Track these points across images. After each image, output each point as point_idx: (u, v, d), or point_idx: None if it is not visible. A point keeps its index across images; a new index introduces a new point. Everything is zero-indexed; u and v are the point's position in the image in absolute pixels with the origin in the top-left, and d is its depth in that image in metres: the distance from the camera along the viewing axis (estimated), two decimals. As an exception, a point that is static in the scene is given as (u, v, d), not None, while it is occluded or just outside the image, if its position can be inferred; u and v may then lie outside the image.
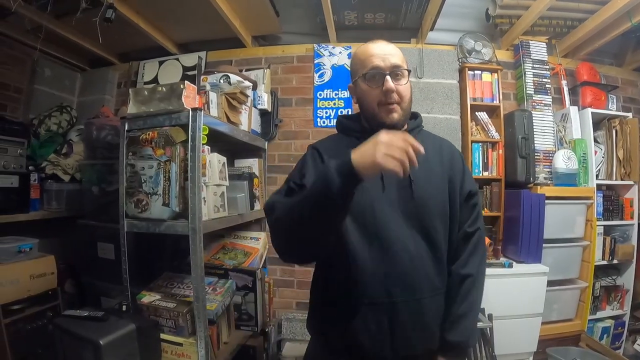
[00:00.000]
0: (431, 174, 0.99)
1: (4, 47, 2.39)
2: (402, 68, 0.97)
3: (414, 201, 0.94)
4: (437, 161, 1.03)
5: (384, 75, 0.95)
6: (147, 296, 1.57)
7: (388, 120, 0.96)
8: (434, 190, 0.98)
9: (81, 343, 1.27)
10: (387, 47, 0.99)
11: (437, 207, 0.97)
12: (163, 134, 1.47)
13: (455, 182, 1.02)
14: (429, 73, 2.48)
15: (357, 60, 1.02)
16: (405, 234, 0.93)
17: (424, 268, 0.93)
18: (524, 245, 2.20)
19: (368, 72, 0.96)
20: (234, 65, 2.62)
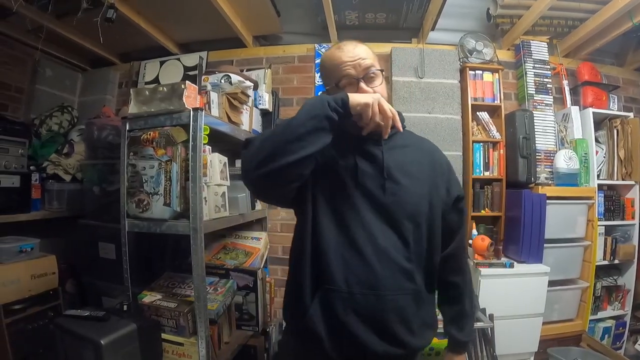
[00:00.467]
0: (407, 172, 0.97)
1: (5, 47, 2.39)
2: (374, 69, 0.96)
3: (386, 197, 0.94)
4: (416, 161, 1.01)
5: (357, 82, 0.94)
6: (148, 296, 1.58)
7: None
8: (408, 188, 0.96)
9: (82, 343, 1.27)
10: (356, 50, 0.96)
11: (410, 205, 0.95)
12: (164, 134, 1.47)
13: (439, 185, 1.01)
14: (430, 73, 2.48)
15: (328, 67, 0.99)
16: (375, 228, 0.92)
17: (389, 265, 0.91)
18: (525, 245, 2.20)
19: (341, 81, 0.95)
20: (235, 65, 2.62)
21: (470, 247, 2.23)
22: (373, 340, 0.89)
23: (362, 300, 0.89)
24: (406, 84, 2.47)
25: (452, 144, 2.43)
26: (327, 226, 0.93)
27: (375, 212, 0.93)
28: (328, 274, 0.91)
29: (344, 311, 0.89)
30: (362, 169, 0.95)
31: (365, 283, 0.89)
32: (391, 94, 2.50)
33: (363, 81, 0.94)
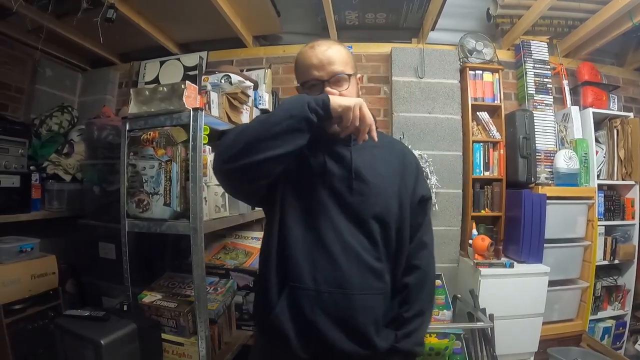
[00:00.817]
0: (376, 173, 0.97)
1: (5, 47, 2.39)
2: (342, 74, 0.94)
3: (353, 197, 0.93)
4: (386, 161, 1.01)
5: (323, 85, 0.93)
6: (148, 296, 1.57)
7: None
8: (376, 188, 0.95)
9: (82, 343, 1.27)
10: (327, 53, 0.94)
11: (377, 206, 0.94)
12: (164, 134, 1.47)
13: (407, 184, 1.01)
14: (430, 73, 2.48)
15: (298, 65, 0.99)
16: (343, 227, 0.91)
17: (357, 263, 0.90)
18: (525, 245, 2.20)
19: (307, 82, 0.95)
20: (235, 65, 2.62)
21: (471, 247, 2.23)
22: (341, 339, 0.88)
23: (330, 298, 0.88)
24: (406, 84, 2.47)
25: (452, 144, 2.44)
26: (295, 225, 0.92)
27: (343, 211, 0.92)
28: (295, 272, 0.90)
29: (311, 310, 0.88)
30: (331, 168, 0.94)
31: (333, 281, 0.89)
32: (391, 94, 2.50)
33: (329, 84, 0.93)
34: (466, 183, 2.41)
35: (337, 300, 0.88)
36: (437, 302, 2.17)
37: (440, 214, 2.37)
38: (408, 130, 2.41)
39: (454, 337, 1.92)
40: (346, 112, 0.86)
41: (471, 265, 2.18)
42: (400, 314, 0.98)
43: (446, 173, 2.41)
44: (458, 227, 2.42)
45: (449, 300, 2.16)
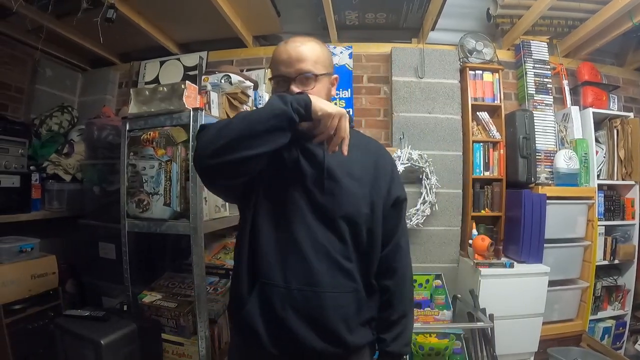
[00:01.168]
0: (348, 173, 0.96)
1: (5, 47, 2.39)
2: (308, 73, 0.93)
3: (325, 197, 0.93)
4: (359, 162, 0.99)
5: (289, 82, 0.93)
6: (148, 296, 1.57)
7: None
8: (348, 189, 0.94)
9: (82, 343, 1.27)
10: (297, 50, 0.93)
11: (347, 206, 0.94)
12: (164, 134, 1.47)
13: (381, 185, 0.99)
14: (430, 73, 2.48)
15: (272, 60, 0.99)
16: (313, 225, 0.91)
17: (327, 262, 0.90)
18: (525, 245, 2.20)
19: (274, 78, 0.96)
20: (235, 65, 2.62)
21: (471, 247, 2.23)
22: (311, 337, 0.88)
23: (300, 296, 0.88)
24: (406, 84, 2.47)
25: (452, 144, 2.44)
26: (267, 222, 0.93)
27: (314, 210, 0.92)
28: (265, 269, 0.90)
29: (282, 307, 0.88)
30: (304, 167, 0.94)
31: (303, 279, 0.89)
32: (391, 94, 2.50)
33: (294, 82, 0.93)
34: (466, 183, 2.41)
35: (307, 297, 0.88)
36: (437, 302, 2.17)
37: (440, 214, 2.37)
38: (408, 130, 2.41)
39: (454, 337, 1.92)
40: (325, 118, 0.85)
41: (471, 265, 2.18)
42: (386, 318, 0.99)
43: (446, 173, 2.41)
44: (458, 227, 2.42)
45: (449, 300, 2.16)
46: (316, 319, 0.89)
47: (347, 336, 0.91)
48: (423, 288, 2.18)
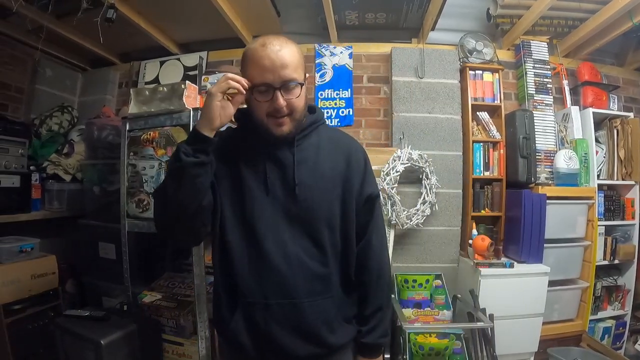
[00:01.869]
0: (320, 175, 0.95)
1: (6, 47, 2.39)
2: (294, 81, 0.89)
3: (298, 204, 0.92)
4: (330, 160, 0.97)
5: (274, 90, 0.88)
6: (148, 296, 1.58)
7: (278, 133, 0.91)
8: (320, 192, 0.94)
9: (82, 343, 1.27)
10: (280, 55, 0.87)
11: (322, 210, 0.93)
12: (164, 134, 1.47)
13: (353, 183, 0.97)
14: (430, 73, 2.48)
15: (247, 65, 0.91)
16: (284, 237, 0.91)
17: (302, 271, 0.90)
18: (525, 245, 2.20)
19: (259, 87, 0.88)
20: (235, 65, 2.61)
21: (470, 247, 2.23)
22: (295, 344, 0.90)
23: (280, 309, 0.90)
24: (406, 84, 2.47)
25: (452, 144, 2.44)
26: (236, 239, 0.92)
27: (287, 219, 0.92)
28: (243, 287, 0.91)
29: (265, 322, 0.89)
30: (272, 177, 0.93)
31: (280, 293, 0.90)
32: (391, 94, 2.50)
33: (280, 91, 0.88)
34: (466, 183, 2.41)
35: (286, 310, 0.90)
36: (437, 302, 2.17)
37: (440, 214, 2.37)
38: (408, 130, 2.41)
39: (454, 337, 1.92)
40: (213, 107, 0.87)
41: (471, 265, 2.18)
42: (361, 311, 1.01)
43: (446, 173, 2.40)
44: (458, 227, 2.42)
45: (449, 300, 2.16)
46: (298, 327, 0.90)
47: (329, 337, 0.93)
48: (423, 288, 2.18)
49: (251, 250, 0.91)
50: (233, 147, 0.97)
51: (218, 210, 0.93)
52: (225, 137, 0.99)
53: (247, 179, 0.93)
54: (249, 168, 0.94)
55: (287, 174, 0.93)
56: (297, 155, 0.94)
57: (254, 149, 0.96)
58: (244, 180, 0.93)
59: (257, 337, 0.91)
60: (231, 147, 0.97)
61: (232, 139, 1.00)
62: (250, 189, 0.93)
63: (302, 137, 0.97)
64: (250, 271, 0.91)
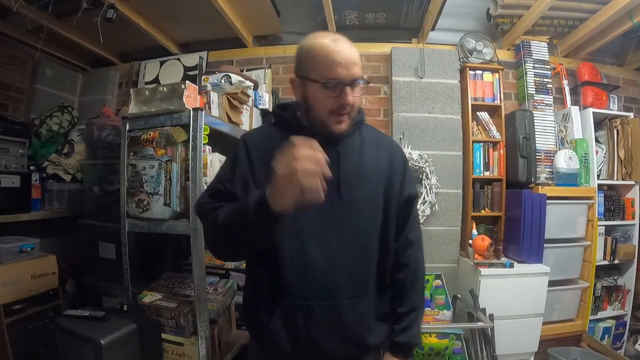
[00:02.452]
0: (363, 175, 0.95)
1: (6, 47, 2.39)
2: (363, 80, 0.90)
3: (342, 204, 0.91)
4: (373, 160, 0.98)
5: (344, 86, 0.87)
6: (149, 296, 1.57)
7: (337, 130, 0.92)
8: (364, 192, 0.94)
9: (82, 343, 1.27)
10: (350, 54, 0.88)
11: (367, 210, 0.93)
12: (164, 134, 1.47)
13: (394, 184, 0.98)
14: (430, 73, 2.48)
15: (314, 59, 0.89)
16: (329, 238, 0.90)
17: (344, 273, 0.90)
18: (525, 245, 2.20)
19: (331, 81, 0.87)
20: (235, 65, 2.62)
21: (470, 247, 2.23)
22: (336, 345, 0.91)
23: (320, 311, 0.89)
24: (406, 84, 2.47)
25: (452, 144, 2.44)
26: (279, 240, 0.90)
27: (331, 219, 0.91)
28: (283, 288, 0.91)
29: (305, 323, 0.89)
30: None
31: (322, 294, 0.89)
32: (391, 94, 2.50)
33: (349, 87, 0.88)
34: (466, 183, 2.41)
35: (327, 311, 0.90)
36: (437, 302, 2.17)
37: (440, 214, 2.37)
38: (408, 130, 2.41)
39: (454, 337, 1.92)
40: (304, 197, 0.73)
41: (471, 265, 2.18)
42: (395, 310, 1.00)
43: (446, 173, 2.40)
44: (458, 227, 2.42)
45: (449, 300, 2.16)
46: (338, 328, 0.90)
47: (367, 338, 0.94)
48: (423, 288, 2.18)
49: (294, 251, 0.90)
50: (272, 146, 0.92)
51: None
52: (262, 135, 1.00)
53: None
54: None
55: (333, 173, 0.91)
56: (342, 155, 0.94)
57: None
58: None
59: (295, 338, 0.90)
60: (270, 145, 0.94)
61: (270, 137, 0.99)
62: None
63: (346, 137, 0.96)
64: (293, 272, 0.90)
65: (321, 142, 0.91)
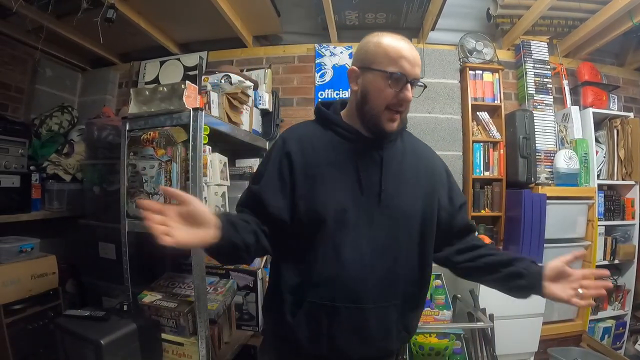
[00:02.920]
0: (403, 184, 0.94)
1: (6, 47, 2.39)
2: (421, 82, 0.93)
3: (381, 210, 0.91)
4: (413, 170, 0.98)
5: (406, 82, 0.88)
6: (149, 296, 1.57)
7: (389, 129, 0.92)
8: (403, 201, 0.93)
9: (82, 343, 1.27)
10: (416, 54, 0.91)
11: (404, 219, 0.93)
12: (164, 134, 1.47)
13: (438, 196, 0.98)
14: (430, 73, 2.48)
15: (384, 52, 0.89)
16: (364, 242, 0.90)
17: (374, 277, 0.90)
18: (525, 245, 2.20)
19: (396, 73, 0.87)
20: (235, 65, 2.61)
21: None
22: (357, 348, 0.90)
23: (346, 312, 0.89)
24: (406, 84, 2.46)
25: (452, 144, 2.44)
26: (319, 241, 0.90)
27: (367, 222, 0.90)
28: (310, 287, 0.90)
29: (329, 324, 0.88)
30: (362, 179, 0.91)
31: (349, 297, 0.89)
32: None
33: (411, 85, 0.89)
34: (466, 183, 2.41)
35: (352, 314, 0.89)
36: (437, 302, 2.17)
37: (440, 214, 2.37)
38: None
39: (454, 337, 1.92)
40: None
41: (471, 265, 2.17)
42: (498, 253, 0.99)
43: (446, 173, 2.40)
44: (458, 227, 2.42)
45: (449, 300, 2.16)
46: (361, 330, 0.90)
47: (388, 343, 0.93)
48: (423, 288, 2.18)
49: (328, 252, 0.89)
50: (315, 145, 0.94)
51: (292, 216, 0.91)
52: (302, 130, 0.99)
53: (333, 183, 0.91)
54: (335, 167, 0.92)
55: (373, 178, 0.92)
56: (385, 160, 0.94)
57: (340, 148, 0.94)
58: (325, 179, 0.91)
59: (316, 336, 0.89)
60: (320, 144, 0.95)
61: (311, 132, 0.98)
62: (333, 189, 0.90)
63: (390, 141, 0.96)
64: (324, 272, 0.89)
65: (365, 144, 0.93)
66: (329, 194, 0.90)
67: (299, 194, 0.90)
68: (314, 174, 0.91)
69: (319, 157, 0.92)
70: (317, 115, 1.02)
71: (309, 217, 0.89)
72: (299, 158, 0.92)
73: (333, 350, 0.90)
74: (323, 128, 0.98)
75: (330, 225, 0.88)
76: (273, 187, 0.91)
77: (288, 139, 0.96)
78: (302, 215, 0.90)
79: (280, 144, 0.96)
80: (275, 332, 1.00)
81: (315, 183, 0.90)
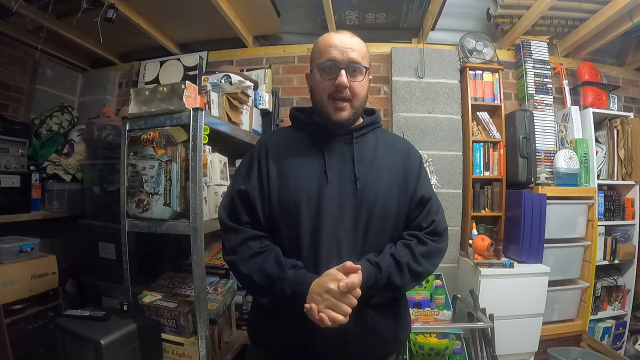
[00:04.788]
0: (378, 175, 0.95)
1: (6, 47, 2.39)
2: (360, 64, 0.92)
3: (356, 200, 0.91)
4: (387, 160, 0.98)
5: (339, 69, 0.90)
6: (149, 296, 1.57)
7: (336, 117, 0.93)
8: (378, 191, 0.93)
9: (82, 343, 1.27)
10: (349, 40, 0.93)
11: (379, 209, 0.92)
12: (164, 134, 1.47)
13: (408, 184, 0.98)
14: (430, 73, 2.48)
15: (316, 48, 0.96)
16: (341, 234, 0.89)
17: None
18: (525, 245, 2.20)
19: (323, 62, 0.91)
20: (235, 65, 2.62)
21: (471, 247, 2.23)
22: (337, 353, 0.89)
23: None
24: (406, 84, 2.47)
25: (452, 144, 2.44)
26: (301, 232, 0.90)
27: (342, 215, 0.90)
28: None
29: (307, 329, 0.86)
30: (330, 171, 0.92)
31: None
32: (391, 94, 2.50)
33: (345, 71, 0.90)
34: (466, 183, 2.41)
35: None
36: (437, 302, 2.17)
37: (440, 214, 2.37)
38: (408, 130, 2.41)
39: (454, 337, 1.92)
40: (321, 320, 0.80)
41: (471, 265, 2.18)
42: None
43: (446, 173, 2.41)
44: (458, 227, 2.42)
45: (449, 300, 2.16)
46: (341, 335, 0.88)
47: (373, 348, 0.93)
48: (423, 288, 2.18)
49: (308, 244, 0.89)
50: (287, 143, 0.99)
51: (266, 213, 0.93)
52: (277, 135, 1.05)
53: (303, 174, 0.93)
54: (306, 163, 0.94)
55: (346, 169, 0.93)
56: (356, 151, 0.95)
57: (310, 144, 0.96)
58: (299, 175, 0.92)
59: (296, 344, 0.90)
60: (293, 145, 0.99)
61: (292, 136, 1.02)
62: (306, 185, 0.91)
63: (360, 135, 0.98)
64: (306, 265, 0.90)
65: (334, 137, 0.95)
66: (298, 188, 0.92)
67: (272, 186, 0.93)
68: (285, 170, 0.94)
69: (291, 153, 0.96)
70: (290, 118, 1.08)
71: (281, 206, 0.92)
72: (273, 156, 0.96)
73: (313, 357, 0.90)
74: (297, 130, 1.04)
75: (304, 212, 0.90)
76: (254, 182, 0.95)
77: (266, 142, 1.02)
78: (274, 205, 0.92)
79: (258, 148, 1.02)
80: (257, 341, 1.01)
81: (286, 179, 0.93)
